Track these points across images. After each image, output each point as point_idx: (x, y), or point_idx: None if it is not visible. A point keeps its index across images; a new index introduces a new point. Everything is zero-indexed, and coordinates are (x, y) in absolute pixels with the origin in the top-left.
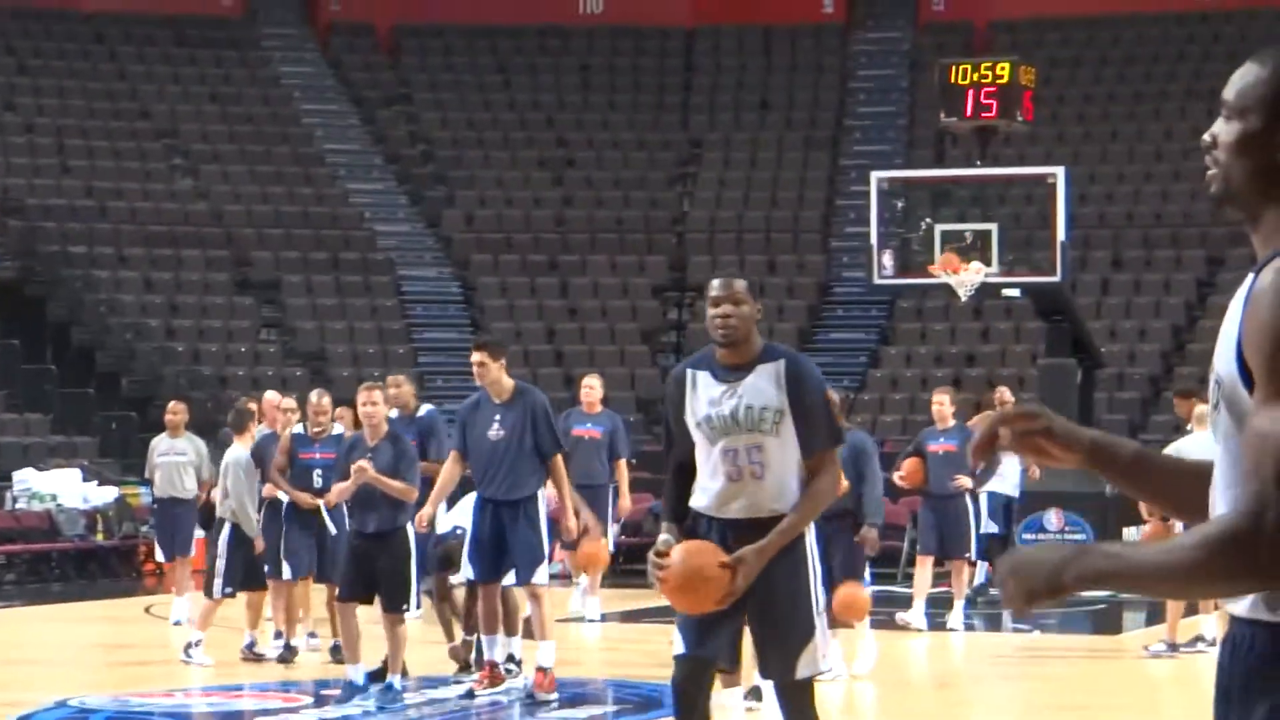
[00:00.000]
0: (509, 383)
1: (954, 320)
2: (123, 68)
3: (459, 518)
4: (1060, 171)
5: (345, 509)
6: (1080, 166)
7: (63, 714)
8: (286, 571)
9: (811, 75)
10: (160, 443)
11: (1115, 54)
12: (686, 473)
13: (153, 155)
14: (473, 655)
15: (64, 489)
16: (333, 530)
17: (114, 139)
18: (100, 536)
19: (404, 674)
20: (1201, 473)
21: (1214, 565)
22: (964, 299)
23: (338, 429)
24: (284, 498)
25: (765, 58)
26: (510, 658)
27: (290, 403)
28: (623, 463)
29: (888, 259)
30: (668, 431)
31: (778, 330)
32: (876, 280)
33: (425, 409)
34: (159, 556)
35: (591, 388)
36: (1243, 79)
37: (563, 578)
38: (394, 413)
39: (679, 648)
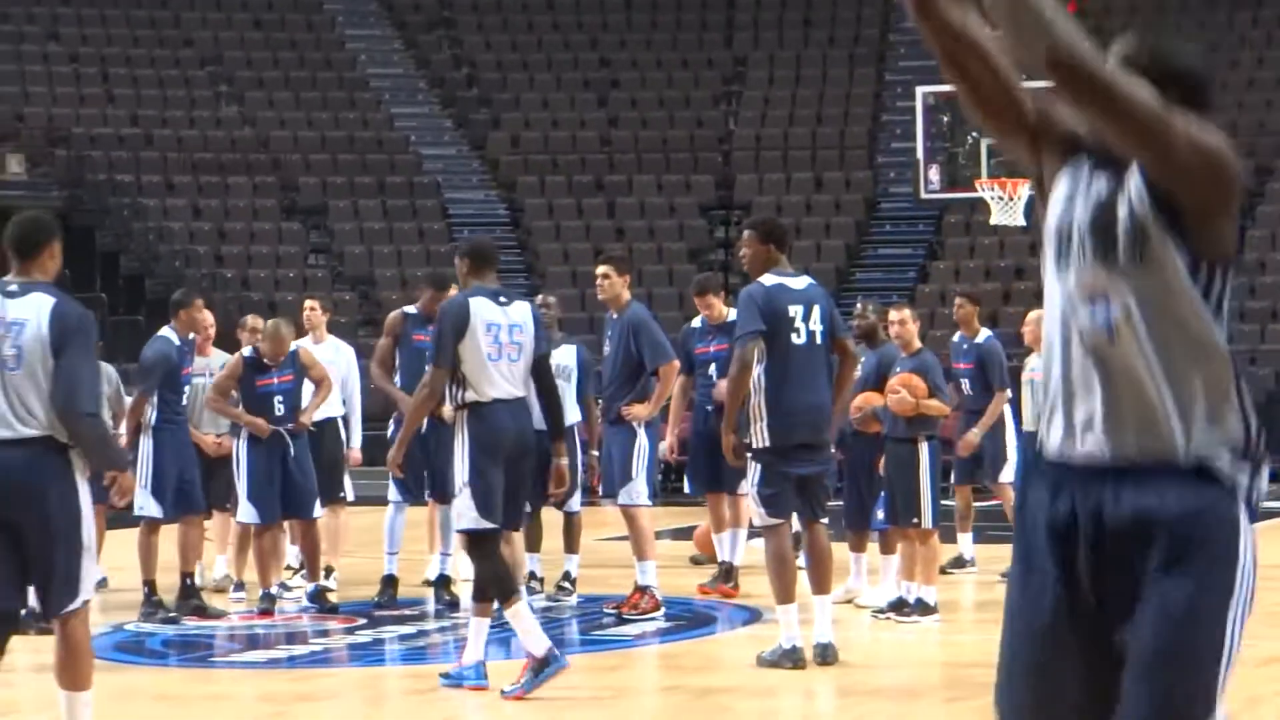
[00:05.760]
0: (626, 297)
1: (1002, 234)
2: None
3: None
4: None
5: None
6: None
7: (119, 638)
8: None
9: None
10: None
11: None
12: None
13: (197, 83)
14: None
15: None
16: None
17: (158, 67)
18: None
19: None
20: None
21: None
22: (995, 221)
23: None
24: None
25: None
26: (532, 574)
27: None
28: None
29: (934, 174)
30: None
31: (825, 246)
32: (924, 195)
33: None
34: None
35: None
36: None
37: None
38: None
39: None
